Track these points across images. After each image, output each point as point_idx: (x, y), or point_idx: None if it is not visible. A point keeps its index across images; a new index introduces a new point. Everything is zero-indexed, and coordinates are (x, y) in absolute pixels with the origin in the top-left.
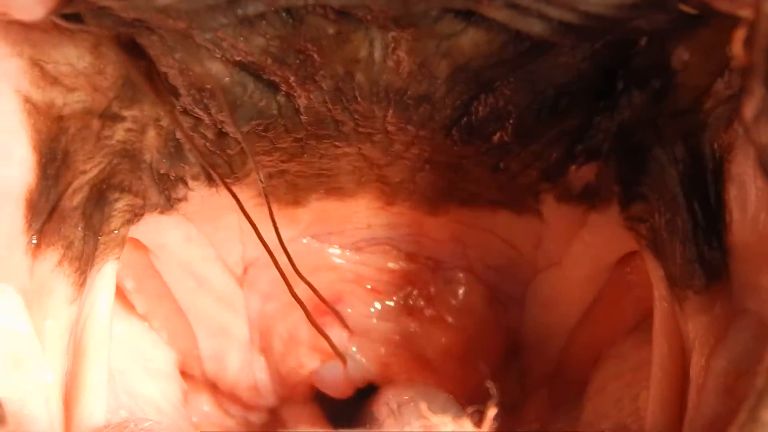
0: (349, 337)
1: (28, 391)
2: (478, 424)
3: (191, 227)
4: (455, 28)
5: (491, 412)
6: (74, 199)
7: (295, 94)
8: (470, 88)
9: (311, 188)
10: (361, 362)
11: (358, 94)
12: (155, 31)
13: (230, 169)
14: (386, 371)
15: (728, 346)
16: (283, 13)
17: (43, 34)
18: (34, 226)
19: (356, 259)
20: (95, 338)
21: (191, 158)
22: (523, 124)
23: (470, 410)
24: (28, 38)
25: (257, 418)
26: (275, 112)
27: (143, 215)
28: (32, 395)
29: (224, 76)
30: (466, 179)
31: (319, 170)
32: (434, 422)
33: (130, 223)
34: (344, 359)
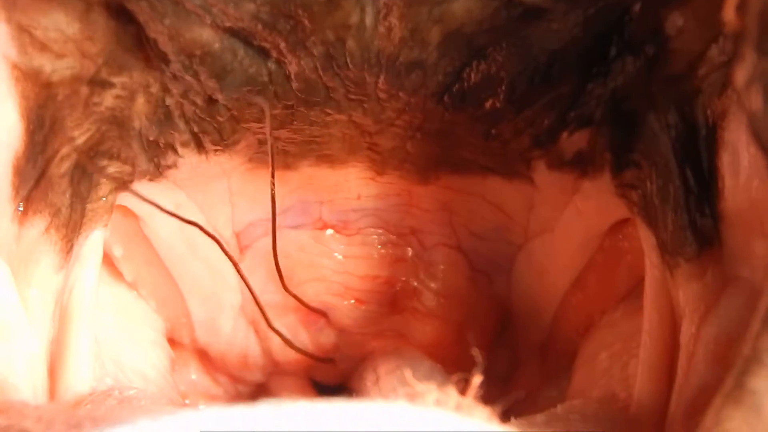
0: (336, 336)
1: (12, 359)
2: (463, 392)
3: (181, 194)
4: None
5: (476, 380)
6: (62, 166)
7: (285, 60)
8: (462, 54)
9: (302, 155)
10: (348, 357)
11: (349, 60)
12: None
13: (220, 136)
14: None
15: (719, 313)
16: None
17: (31, 0)
18: (21, 193)
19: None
20: (81, 306)
21: (181, 125)
22: (515, 90)
23: (456, 378)
24: (16, 4)
25: (246, 388)
26: (266, 78)
27: (132, 182)
28: (17, 364)
29: (214, 41)
30: (457, 146)
31: (309, 137)
32: (419, 390)
33: (118, 190)
34: (332, 360)
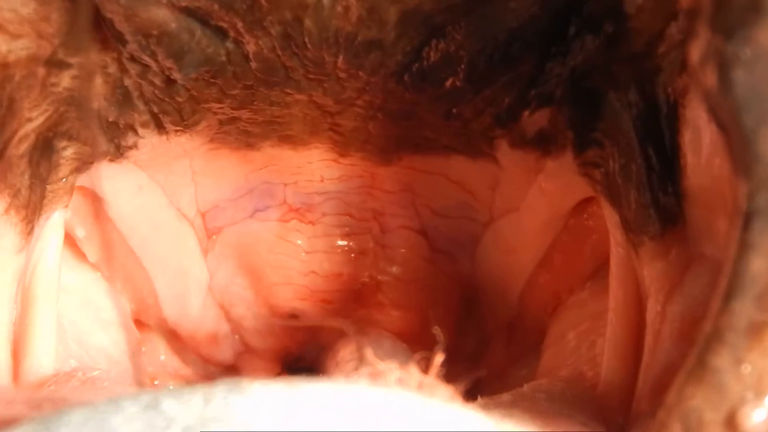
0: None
1: None
2: (426, 371)
3: (142, 175)
4: None
5: (438, 358)
6: (20, 147)
7: (243, 40)
8: (421, 33)
9: (264, 135)
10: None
11: (307, 40)
12: None
13: (180, 116)
14: None
15: (684, 291)
16: None
17: None
18: None
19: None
20: (43, 287)
21: (140, 106)
22: (475, 69)
23: (418, 357)
24: None
25: (216, 368)
26: (224, 58)
27: (92, 163)
28: None
29: (170, 21)
30: (419, 126)
31: (270, 118)
32: (380, 369)
33: (78, 171)
34: None
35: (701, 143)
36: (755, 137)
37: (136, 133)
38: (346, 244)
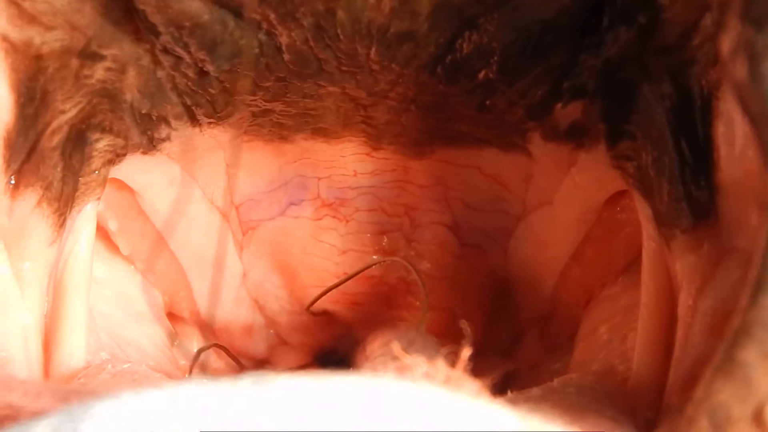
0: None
1: (6, 333)
2: (454, 364)
3: (175, 167)
4: None
5: (465, 352)
6: (53, 139)
7: (276, 32)
8: (453, 25)
9: (297, 128)
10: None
11: (340, 32)
12: None
13: (213, 108)
14: None
15: (716, 285)
16: None
17: None
18: (12, 166)
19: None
20: (75, 280)
21: (173, 98)
22: (508, 61)
23: (445, 351)
24: None
25: (248, 361)
26: (256, 50)
27: (125, 156)
28: (10, 337)
29: (203, 13)
30: (452, 119)
31: (303, 110)
32: (408, 363)
33: (111, 163)
34: None
35: (734, 136)
36: None
37: (169, 125)
38: (378, 244)
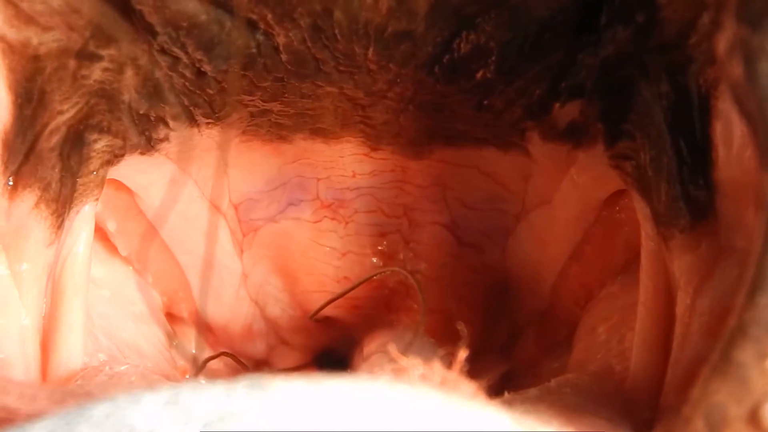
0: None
1: (4, 334)
2: (450, 366)
3: (174, 168)
4: None
5: (462, 354)
6: (51, 140)
7: (273, 32)
8: (451, 24)
9: (295, 128)
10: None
11: (337, 32)
12: None
13: (211, 108)
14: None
15: (714, 285)
16: None
17: None
18: (10, 167)
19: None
20: (73, 281)
21: (171, 98)
22: (505, 60)
23: (442, 353)
24: None
25: (248, 362)
26: (254, 50)
27: (124, 156)
28: (8, 339)
29: (200, 13)
30: (450, 118)
31: (302, 110)
32: (404, 365)
33: (109, 164)
34: None
35: (732, 135)
36: None
37: (167, 125)
38: (376, 246)
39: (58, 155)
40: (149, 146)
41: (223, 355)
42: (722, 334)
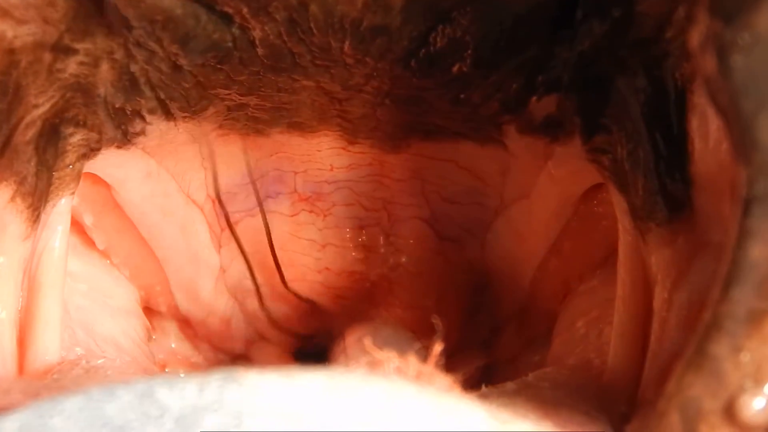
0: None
1: None
2: (425, 360)
3: (151, 161)
4: None
5: (437, 347)
6: (27, 133)
7: (249, 26)
8: (427, 18)
9: (272, 122)
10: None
11: (313, 25)
12: None
13: (187, 102)
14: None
15: (691, 279)
16: None
17: None
18: None
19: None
20: (50, 275)
21: (147, 92)
22: (481, 54)
23: (418, 346)
24: None
25: (227, 356)
26: (230, 44)
27: (100, 150)
28: None
29: (175, 7)
30: (427, 112)
31: (278, 104)
32: (379, 358)
33: (85, 157)
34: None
35: (708, 129)
36: (753, 123)
37: (143, 119)
38: (357, 239)
39: (33, 149)
40: (126, 140)
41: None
42: (697, 328)
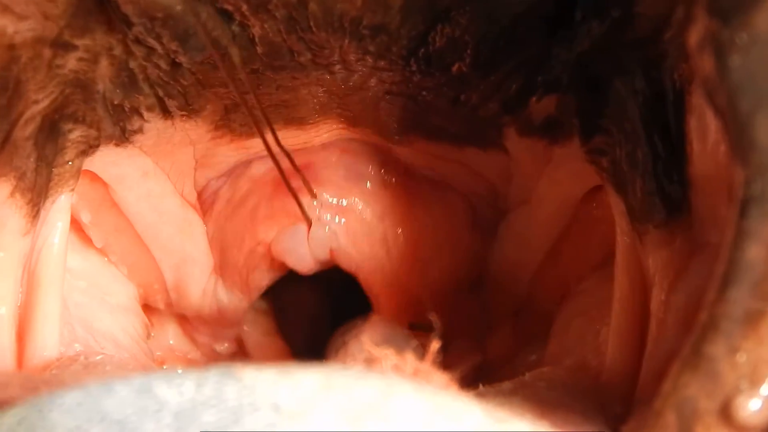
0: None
1: None
2: (422, 357)
3: (148, 161)
4: None
5: (434, 345)
6: (26, 129)
7: (249, 23)
8: (426, 17)
9: (271, 119)
10: (328, 230)
11: (312, 24)
12: None
13: (185, 100)
14: (353, 250)
15: (688, 280)
16: None
17: None
18: None
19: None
20: (49, 271)
21: (145, 88)
22: (480, 54)
23: (414, 344)
24: None
25: (224, 348)
26: (229, 42)
27: (98, 147)
28: None
29: (176, 4)
30: (427, 112)
31: (278, 101)
32: (376, 355)
33: (84, 154)
34: (309, 221)
35: (706, 131)
36: (751, 123)
37: (141, 116)
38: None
39: (33, 144)
40: (124, 138)
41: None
42: (693, 328)
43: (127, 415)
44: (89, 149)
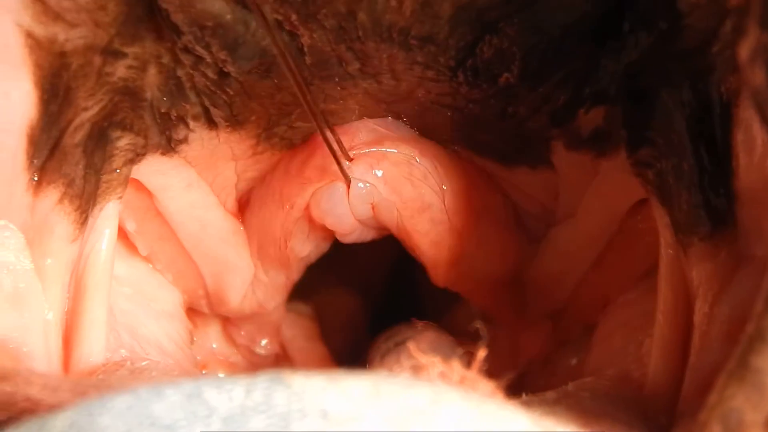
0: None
1: (27, 328)
2: (468, 365)
3: (192, 172)
4: None
5: (481, 353)
6: (76, 136)
7: (298, 32)
8: (474, 28)
9: (313, 129)
10: (365, 187)
11: (361, 33)
12: None
13: (230, 110)
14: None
15: (733, 292)
16: None
17: None
18: (35, 163)
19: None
20: (96, 277)
21: (192, 97)
22: (528, 66)
23: (460, 352)
24: None
25: (264, 349)
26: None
27: (145, 155)
28: (32, 332)
29: (226, 13)
30: (475, 125)
31: (324, 111)
32: (423, 363)
33: (132, 162)
34: (348, 179)
35: (754, 144)
36: None
37: (186, 126)
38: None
39: (82, 152)
40: (169, 147)
41: None
42: (740, 340)
43: (176, 419)
44: (136, 157)
